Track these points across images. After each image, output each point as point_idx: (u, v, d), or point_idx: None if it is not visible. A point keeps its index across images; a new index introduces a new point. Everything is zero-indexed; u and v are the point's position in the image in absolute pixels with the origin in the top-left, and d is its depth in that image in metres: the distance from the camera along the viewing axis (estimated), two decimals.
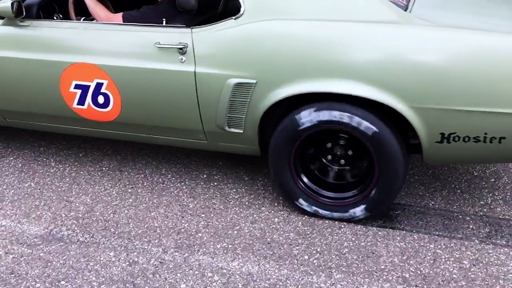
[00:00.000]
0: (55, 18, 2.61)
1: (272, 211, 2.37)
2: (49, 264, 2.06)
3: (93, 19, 2.53)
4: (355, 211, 2.20)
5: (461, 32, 1.89)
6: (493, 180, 2.55)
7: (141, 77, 2.23)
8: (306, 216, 2.31)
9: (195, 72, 2.13)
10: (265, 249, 2.11)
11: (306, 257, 2.06)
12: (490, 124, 1.88)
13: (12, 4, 2.29)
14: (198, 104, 2.21)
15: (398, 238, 2.14)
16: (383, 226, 2.23)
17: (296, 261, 2.04)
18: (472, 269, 1.95)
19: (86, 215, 2.38)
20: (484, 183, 2.53)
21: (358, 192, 2.21)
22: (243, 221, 2.30)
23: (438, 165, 2.61)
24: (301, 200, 2.27)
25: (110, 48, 2.28)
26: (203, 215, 2.36)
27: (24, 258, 2.10)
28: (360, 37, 1.95)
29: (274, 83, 2.04)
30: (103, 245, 2.16)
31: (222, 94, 2.12)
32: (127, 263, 2.05)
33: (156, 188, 2.59)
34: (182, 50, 2.13)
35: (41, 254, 2.11)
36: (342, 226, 2.24)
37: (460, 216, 2.28)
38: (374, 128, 1.99)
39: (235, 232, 2.23)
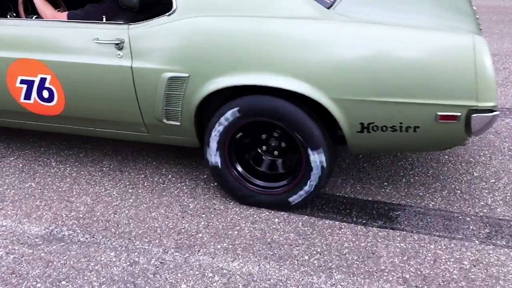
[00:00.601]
0: (8, 16, 2.69)
1: (272, 212, 2.37)
2: (50, 264, 2.06)
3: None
4: (282, 198, 2.32)
5: (375, 27, 2.00)
6: (493, 181, 2.55)
7: (81, 72, 2.31)
8: (306, 217, 2.31)
9: (131, 67, 2.22)
10: (266, 249, 2.12)
11: (307, 257, 2.06)
12: (404, 114, 1.98)
13: None
14: (137, 98, 2.29)
15: (399, 239, 2.15)
16: (383, 226, 2.23)
17: (296, 261, 2.04)
18: (472, 270, 1.96)
19: (86, 215, 2.38)
20: (484, 183, 2.53)
21: (287, 183, 2.30)
22: (243, 222, 2.30)
23: (362, 153, 2.70)
24: (241, 191, 2.37)
25: (52, 44, 2.34)
26: (203, 215, 2.36)
27: (25, 258, 2.10)
28: (282, 32, 2.04)
29: (205, 77, 2.13)
30: (103, 245, 2.17)
31: (158, 88, 2.21)
32: (128, 263, 2.06)
33: (157, 188, 2.59)
34: (118, 46, 2.22)
35: (42, 254, 2.12)
36: (342, 226, 2.24)
37: (460, 217, 2.28)
38: (297, 120, 2.09)
39: (236, 232, 2.23)
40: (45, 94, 2.42)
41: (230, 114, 2.18)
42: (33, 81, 2.41)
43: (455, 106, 1.92)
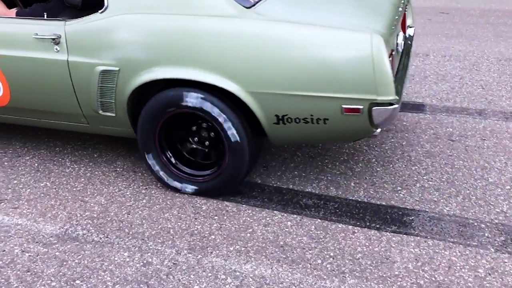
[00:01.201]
0: None
1: (285, 215, 2.37)
2: (64, 263, 2.08)
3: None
4: (210, 185, 2.47)
5: (286, 26, 2.11)
6: (508, 187, 2.52)
7: (23, 65, 2.45)
8: (319, 220, 2.31)
9: (68, 60, 2.36)
10: (278, 252, 2.11)
11: (319, 261, 2.06)
12: (313, 107, 2.12)
13: None
14: (74, 90, 2.44)
15: (413, 244, 2.13)
16: (397, 231, 2.22)
17: (309, 265, 2.04)
18: (487, 278, 1.94)
19: (101, 215, 2.40)
20: (499, 190, 2.50)
21: (212, 172, 2.45)
22: (256, 224, 2.31)
23: (283, 145, 2.75)
24: (170, 180, 2.53)
25: (3, 40, 2.47)
26: (216, 217, 2.37)
27: (40, 256, 2.12)
28: (202, 29, 2.16)
29: (133, 71, 2.27)
30: (117, 245, 2.18)
31: (92, 80, 2.35)
32: (141, 263, 2.07)
33: (170, 189, 2.60)
34: (55, 41, 2.36)
35: (57, 253, 2.14)
36: (356, 230, 2.23)
37: (475, 224, 2.26)
38: (217, 111, 2.25)
39: (248, 235, 2.24)
40: None
41: (151, 106, 2.34)
42: None
43: (358, 100, 2.05)
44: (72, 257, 2.12)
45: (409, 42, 2.93)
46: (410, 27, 3.06)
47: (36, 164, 2.86)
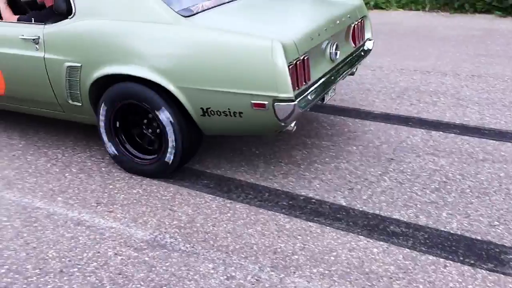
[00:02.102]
0: None
1: (371, 241, 2.29)
2: (153, 269, 2.16)
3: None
4: (152, 168, 2.86)
5: (209, 33, 2.50)
6: None
7: (13, 61, 2.98)
8: (407, 250, 2.21)
9: (44, 57, 2.85)
10: (363, 279, 2.05)
11: None
12: (230, 101, 2.46)
13: None
14: (50, 82, 2.91)
15: (511, 286, 1.97)
16: (493, 270, 2.06)
17: None
18: None
19: (187, 225, 2.48)
20: None
21: (155, 156, 2.84)
22: (340, 248, 2.26)
23: (213, 135, 2.89)
24: (112, 149, 2.93)
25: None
26: (299, 237, 2.35)
27: (131, 260, 2.22)
28: (142, 34, 2.59)
29: (92, 67, 2.71)
30: (202, 256, 2.23)
31: (61, 74, 2.82)
32: (225, 276, 2.10)
33: (254, 205, 2.63)
34: (35, 41, 2.86)
35: (146, 259, 2.23)
36: (447, 264, 2.11)
37: None
38: (158, 104, 2.63)
39: (332, 258, 2.19)
40: None
41: (107, 97, 2.77)
42: None
43: (263, 96, 2.39)
44: (160, 263, 2.20)
45: (361, 53, 3.30)
46: (370, 40, 3.46)
47: (127, 176, 3.02)
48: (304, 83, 2.52)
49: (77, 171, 3.03)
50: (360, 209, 2.56)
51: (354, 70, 3.35)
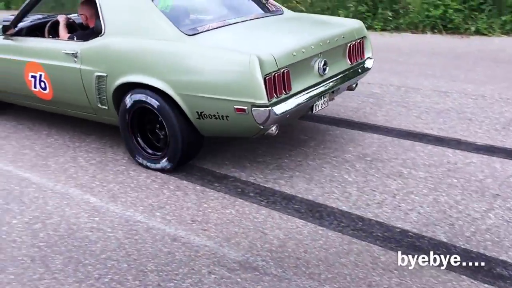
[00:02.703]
0: (37, 35, 3.98)
1: (475, 282, 2.14)
2: None
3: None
4: (162, 164, 3.32)
5: (203, 47, 3.01)
6: None
7: (58, 71, 3.56)
8: None
9: (80, 68, 3.39)
10: None
11: None
12: (217, 106, 2.88)
13: (2, 26, 3.92)
14: (84, 89, 3.44)
15: None
16: None
17: None
18: None
19: (279, 249, 2.47)
20: None
21: (162, 154, 3.33)
22: (440, 287, 2.12)
23: (209, 136, 3.28)
24: (139, 158, 3.44)
25: (46, 53, 3.64)
26: (395, 271, 2.25)
27: (224, 280, 2.26)
28: (153, 48, 3.12)
29: (115, 76, 3.24)
30: (294, 283, 2.21)
31: (93, 82, 3.35)
32: None
33: (347, 234, 2.57)
34: (74, 55, 3.42)
35: (239, 280, 2.26)
36: None
37: None
38: (157, 107, 3.12)
39: None
40: (42, 85, 3.70)
41: (125, 101, 3.27)
42: (35, 76, 3.71)
43: (243, 102, 2.78)
44: (252, 285, 2.21)
45: (359, 70, 3.60)
46: (370, 58, 3.74)
47: (223, 192, 3.10)
48: (284, 93, 2.88)
49: (174, 188, 3.17)
50: (463, 246, 2.40)
51: (354, 86, 3.72)
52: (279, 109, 2.82)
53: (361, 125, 4.04)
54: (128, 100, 3.25)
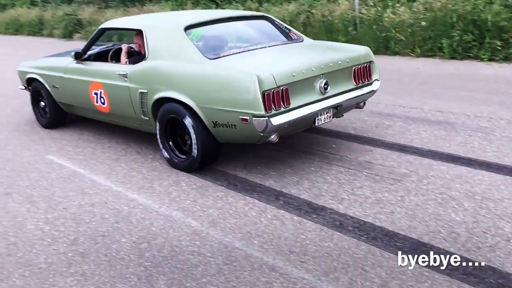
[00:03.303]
0: (103, 61, 4.79)
1: None
2: None
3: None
4: (185, 164, 3.95)
5: (218, 68, 3.65)
6: None
7: (113, 88, 4.33)
8: None
9: (128, 86, 4.14)
10: None
11: None
12: (227, 117, 3.45)
13: (74, 53, 4.69)
14: (131, 103, 4.17)
15: None
16: None
17: None
18: None
19: None
20: None
21: (187, 157, 3.96)
22: None
23: (224, 142, 3.81)
24: (165, 153, 4.11)
25: (105, 74, 4.43)
26: None
27: None
28: (181, 70, 3.79)
29: (153, 92, 3.93)
30: None
31: (137, 98, 4.08)
32: None
33: (456, 278, 2.39)
34: (124, 76, 4.18)
35: None
36: None
37: None
38: (183, 117, 3.77)
39: None
40: (102, 100, 4.48)
41: (160, 113, 3.96)
42: (97, 93, 4.49)
43: (245, 113, 3.32)
44: None
45: (365, 90, 4.06)
46: (377, 80, 4.20)
47: (320, 224, 3.05)
48: (282, 106, 3.40)
49: (272, 217, 3.18)
50: None
51: (362, 105, 4.21)
52: (277, 120, 3.36)
53: (469, 160, 3.80)
54: (162, 112, 3.95)
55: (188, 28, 4.02)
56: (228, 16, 4.72)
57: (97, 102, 4.55)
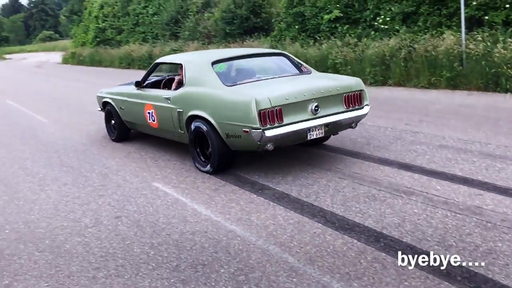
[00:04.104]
0: (157, 88, 6.09)
1: None
2: None
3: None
4: (207, 168, 5.04)
5: (230, 93, 4.75)
6: None
7: (160, 109, 5.49)
8: None
9: (170, 107, 5.25)
10: None
11: None
12: (235, 129, 4.55)
13: (135, 82, 6.00)
14: (172, 120, 5.29)
15: None
16: None
17: None
18: None
19: None
20: None
21: (207, 161, 5.09)
22: None
23: (235, 149, 4.86)
24: (196, 163, 5.21)
25: (155, 98, 5.61)
26: None
27: None
28: (205, 94, 4.93)
29: (186, 111, 5.06)
30: None
31: (175, 116, 5.21)
32: None
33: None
34: (168, 99, 5.32)
35: None
36: None
37: None
38: (206, 130, 4.87)
39: None
40: (152, 118, 5.68)
41: (192, 127, 5.05)
42: (149, 112, 5.69)
43: (247, 126, 4.40)
44: None
45: (354, 114, 4.93)
46: (367, 105, 5.05)
47: (425, 271, 2.87)
48: (276, 122, 4.40)
49: (372, 259, 3.06)
50: None
51: (354, 125, 5.05)
52: (270, 132, 4.39)
53: None
54: (192, 126, 5.04)
55: (214, 62, 5.21)
56: (249, 53, 6.03)
57: (149, 120, 5.80)
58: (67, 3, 49.99)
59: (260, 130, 4.31)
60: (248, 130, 4.36)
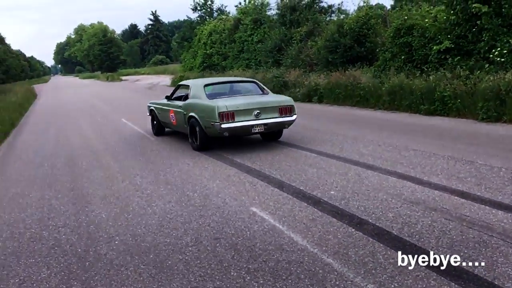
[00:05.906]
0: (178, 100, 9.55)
1: None
2: None
3: None
4: (195, 146, 8.46)
5: (208, 102, 8.11)
6: None
7: (177, 113, 9.08)
8: None
9: (181, 111, 8.79)
10: None
11: None
12: (208, 123, 7.85)
13: (166, 96, 9.98)
14: (184, 119, 8.69)
15: None
16: None
17: None
18: None
19: None
20: None
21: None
22: None
23: (211, 136, 8.02)
24: (191, 143, 8.67)
25: (174, 106, 9.22)
26: None
27: None
28: (198, 103, 8.33)
29: (187, 113, 8.52)
30: None
31: (183, 116, 8.73)
32: None
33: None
34: (180, 107, 8.89)
35: None
36: None
37: None
38: (196, 124, 8.32)
39: None
40: (173, 119, 9.29)
41: (189, 123, 8.54)
42: (172, 115, 9.30)
43: (213, 121, 7.64)
44: None
45: (285, 119, 8.00)
46: (295, 114, 8.07)
47: None
48: (230, 120, 7.54)
49: None
50: None
51: (286, 126, 8.16)
52: (225, 126, 7.50)
53: None
54: (190, 122, 8.26)
55: (206, 85, 8.57)
56: (230, 80, 9.65)
57: (172, 120, 9.31)
58: (179, 29, 53.67)
59: (219, 123, 7.49)
60: (213, 123, 7.56)
